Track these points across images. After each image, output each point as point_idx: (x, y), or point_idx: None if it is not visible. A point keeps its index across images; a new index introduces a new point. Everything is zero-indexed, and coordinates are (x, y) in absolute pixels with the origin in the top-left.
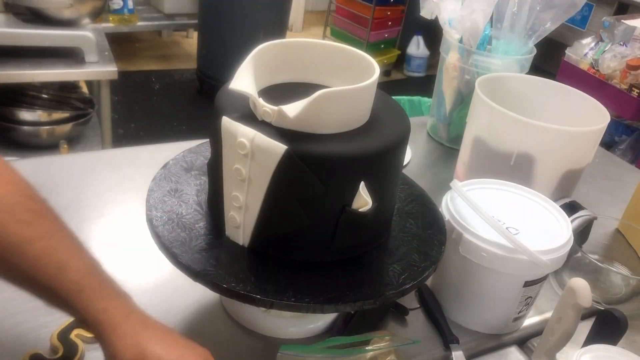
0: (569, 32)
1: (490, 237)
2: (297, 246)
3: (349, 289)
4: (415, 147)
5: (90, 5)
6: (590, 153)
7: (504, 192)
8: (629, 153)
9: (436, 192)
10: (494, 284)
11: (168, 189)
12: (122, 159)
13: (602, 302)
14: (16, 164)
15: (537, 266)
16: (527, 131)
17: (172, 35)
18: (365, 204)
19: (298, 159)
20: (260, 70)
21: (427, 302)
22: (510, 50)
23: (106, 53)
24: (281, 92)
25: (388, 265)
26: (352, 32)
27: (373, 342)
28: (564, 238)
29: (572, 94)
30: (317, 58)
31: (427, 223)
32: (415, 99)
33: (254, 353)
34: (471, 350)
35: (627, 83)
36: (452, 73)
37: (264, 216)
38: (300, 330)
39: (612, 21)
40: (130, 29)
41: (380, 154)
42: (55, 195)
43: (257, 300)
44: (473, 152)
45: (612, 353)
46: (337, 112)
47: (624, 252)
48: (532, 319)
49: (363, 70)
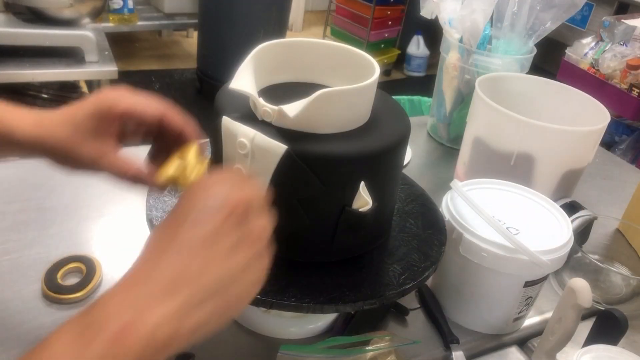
0: (569, 32)
1: (490, 237)
2: (297, 246)
3: (349, 289)
4: (415, 147)
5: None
6: (590, 153)
7: (504, 192)
8: (629, 153)
9: (436, 192)
10: (494, 284)
11: (168, 189)
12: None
13: (603, 302)
14: (16, 164)
15: (537, 266)
16: (527, 131)
17: (172, 35)
18: (365, 204)
19: (298, 158)
20: (260, 70)
21: (427, 302)
22: (510, 50)
23: (106, 53)
24: (281, 91)
25: (388, 265)
26: (352, 31)
27: (373, 342)
28: (564, 238)
29: (572, 94)
30: (317, 58)
31: (427, 223)
32: (415, 98)
33: (254, 353)
34: (471, 350)
35: (627, 83)
36: (452, 73)
37: None
38: (300, 330)
39: (612, 21)
40: (130, 29)
41: (380, 154)
42: (55, 195)
43: (256, 300)
44: (473, 152)
45: (612, 353)
46: (337, 111)
47: (624, 252)
48: (533, 319)
49: (363, 70)
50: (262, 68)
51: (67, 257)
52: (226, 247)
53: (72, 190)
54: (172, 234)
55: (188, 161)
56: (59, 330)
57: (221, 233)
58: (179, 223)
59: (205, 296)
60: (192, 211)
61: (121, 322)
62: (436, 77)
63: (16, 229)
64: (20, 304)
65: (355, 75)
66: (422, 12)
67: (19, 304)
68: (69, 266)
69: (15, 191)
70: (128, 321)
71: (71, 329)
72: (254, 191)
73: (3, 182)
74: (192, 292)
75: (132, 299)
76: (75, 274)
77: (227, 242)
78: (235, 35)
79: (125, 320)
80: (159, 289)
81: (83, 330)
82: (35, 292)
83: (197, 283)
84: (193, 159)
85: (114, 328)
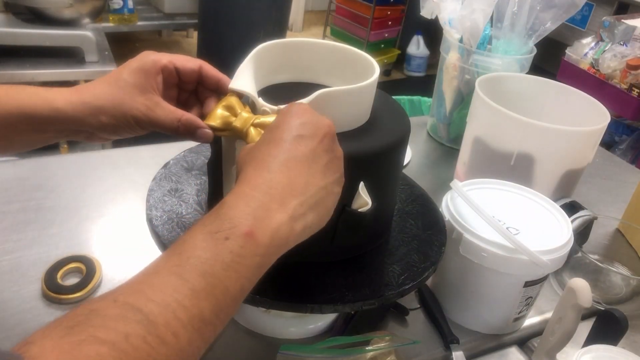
0: (569, 32)
1: (490, 237)
2: (296, 246)
3: (348, 289)
4: (415, 147)
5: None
6: (590, 153)
7: (504, 192)
8: (629, 153)
9: (436, 192)
10: (494, 284)
11: (168, 189)
12: (122, 159)
13: (603, 302)
14: (16, 164)
15: (537, 266)
16: (527, 131)
17: (172, 35)
18: (364, 204)
19: None
20: (260, 70)
21: (427, 302)
22: (510, 50)
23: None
24: (281, 91)
25: (388, 265)
26: (352, 31)
27: (373, 342)
28: (564, 238)
29: (572, 94)
30: (317, 58)
31: (427, 224)
32: (415, 99)
33: (254, 353)
34: (471, 350)
35: (627, 83)
36: (452, 73)
37: None
38: (300, 330)
39: (612, 21)
40: (130, 29)
41: (380, 154)
42: (55, 195)
43: (255, 300)
44: (473, 152)
45: (612, 353)
46: (337, 112)
47: (624, 252)
48: (533, 319)
49: (363, 70)
50: (262, 68)
51: (67, 257)
52: (322, 166)
53: (72, 190)
54: (275, 152)
55: (233, 107)
56: (188, 234)
57: (317, 154)
58: (280, 143)
59: (308, 206)
60: (290, 133)
61: (248, 225)
62: (436, 77)
63: (16, 229)
64: (20, 304)
65: (355, 75)
66: (422, 12)
67: (19, 304)
68: (69, 266)
69: (15, 191)
70: (253, 224)
71: (201, 231)
72: (331, 123)
73: (3, 182)
74: (299, 202)
75: (252, 210)
76: (75, 274)
77: (322, 162)
78: (235, 35)
79: (251, 224)
80: (274, 202)
81: (214, 233)
82: (35, 292)
83: (302, 196)
84: (237, 104)
85: (244, 229)
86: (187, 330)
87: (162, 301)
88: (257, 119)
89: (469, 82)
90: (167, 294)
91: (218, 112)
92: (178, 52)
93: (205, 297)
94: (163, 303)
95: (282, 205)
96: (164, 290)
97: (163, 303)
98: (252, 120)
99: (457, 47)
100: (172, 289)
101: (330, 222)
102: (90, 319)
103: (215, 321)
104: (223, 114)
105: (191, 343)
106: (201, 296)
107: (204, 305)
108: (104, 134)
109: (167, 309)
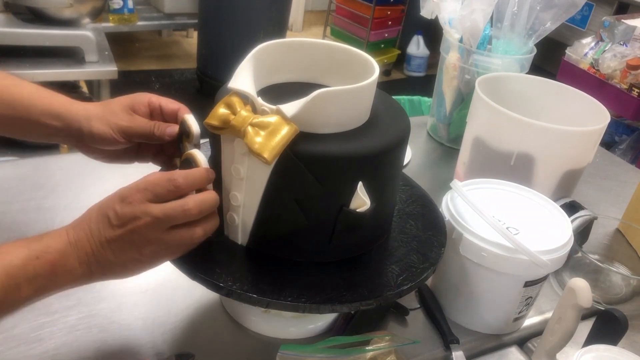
0: (569, 32)
1: (490, 237)
2: (295, 246)
3: (347, 289)
4: (415, 147)
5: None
6: (590, 153)
7: (504, 192)
8: (629, 153)
9: (436, 192)
10: (494, 284)
11: None
12: None
13: (603, 302)
14: (16, 164)
15: (537, 266)
16: (527, 131)
17: (172, 35)
18: (362, 204)
19: (296, 158)
20: (259, 69)
21: (427, 302)
22: (510, 50)
23: (106, 53)
24: (281, 91)
25: (387, 266)
26: (352, 31)
27: (373, 342)
28: (564, 238)
29: (572, 94)
30: (317, 58)
31: (427, 224)
32: (415, 99)
33: (254, 353)
34: (471, 350)
35: (627, 83)
36: (452, 73)
37: (262, 216)
38: (300, 330)
39: (612, 21)
40: (130, 29)
41: (379, 154)
42: (55, 195)
43: (253, 299)
44: (473, 152)
45: (612, 353)
46: (336, 111)
47: (624, 252)
48: (533, 319)
49: (363, 70)
50: (262, 68)
51: None
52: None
53: (72, 190)
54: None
55: (233, 105)
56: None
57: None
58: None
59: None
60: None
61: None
62: (436, 77)
63: (16, 229)
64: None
65: (355, 75)
66: (422, 12)
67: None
68: None
69: (15, 191)
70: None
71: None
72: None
73: (3, 182)
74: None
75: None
76: None
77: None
78: (235, 35)
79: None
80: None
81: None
82: None
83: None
84: (237, 103)
85: (50, 257)
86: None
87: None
88: (255, 119)
89: (469, 82)
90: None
91: (218, 110)
92: (178, 52)
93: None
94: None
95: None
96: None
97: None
98: (250, 119)
99: (457, 47)
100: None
101: (328, 222)
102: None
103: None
104: (223, 112)
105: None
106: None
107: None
108: (91, 142)
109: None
